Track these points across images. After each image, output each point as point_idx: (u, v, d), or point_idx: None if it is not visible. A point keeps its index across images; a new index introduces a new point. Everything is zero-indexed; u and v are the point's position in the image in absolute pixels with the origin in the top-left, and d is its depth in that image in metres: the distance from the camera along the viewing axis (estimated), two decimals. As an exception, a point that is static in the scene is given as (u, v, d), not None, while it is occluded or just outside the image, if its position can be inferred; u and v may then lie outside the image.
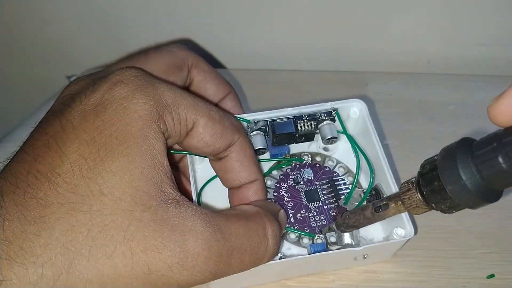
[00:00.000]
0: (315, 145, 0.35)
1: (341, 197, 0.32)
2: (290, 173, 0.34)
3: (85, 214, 0.20)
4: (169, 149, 0.26)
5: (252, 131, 0.32)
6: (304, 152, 0.35)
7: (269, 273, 0.29)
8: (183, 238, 0.21)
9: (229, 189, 0.29)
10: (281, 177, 0.33)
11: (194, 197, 0.29)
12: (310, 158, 0.34)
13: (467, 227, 0.32)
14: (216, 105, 0.32)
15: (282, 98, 0.36)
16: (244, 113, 0.32)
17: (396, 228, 0.29)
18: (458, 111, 0.34)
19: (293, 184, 0.33)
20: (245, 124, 0.31)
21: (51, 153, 0.21)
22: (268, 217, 0.26)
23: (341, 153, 0.35)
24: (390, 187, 0.30)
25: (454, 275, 0.28)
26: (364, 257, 0.29)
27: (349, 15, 0.40)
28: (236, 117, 0.31)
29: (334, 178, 0.33)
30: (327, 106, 0.32)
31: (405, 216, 0.28)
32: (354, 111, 0.33)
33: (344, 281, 0.28)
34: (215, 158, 0.28)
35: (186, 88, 0.32)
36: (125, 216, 0.20)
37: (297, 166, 0.34)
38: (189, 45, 0.45)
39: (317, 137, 0.34)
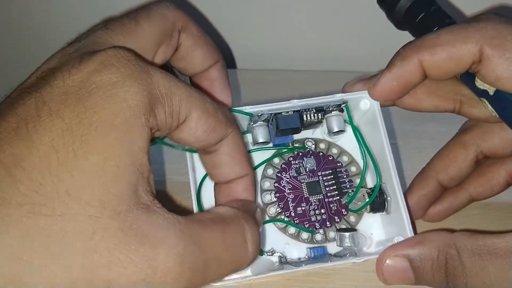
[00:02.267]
0: (320, 131, 0.33)
1: (344, 190, 0.32)
2: (292, 162, 0.32)
3: (45, 219, 0.18)
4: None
5: (255, 123, 0.30)
6: (308, 138, 0.33)
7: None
8: (153, 252, 0.19)
9: (215, 184, 0.28)
10: (283, 166, 0.32)
11: (194, 195, 0.28)
12: (313, 145, 0.33)
13: (467, 227, 0.32)
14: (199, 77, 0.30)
15: (282, 97, 0.35)
16: (229, 86, 0.30)
17: (398, 237, 0.28)
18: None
19: (295, 175, 0.32)
20: (247, 117, 0.29)
21: (19, 141, 0.18)
22: (247, 220, 0.24)
23: (347, 140, 0.33)
24: (394, 187, 0.29)
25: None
26: (364, 261, 0.29)
27: (349, 15, 0.38)
28: (238, 110, 0.29)
29: (337, 169, 0.32)
30: (337, 98, 0.30)
31: (407, 226, 0.28)
32: (364, 103, 0.31)
33: (344, 281, 0.28)
34: (204, 151, 0.26)
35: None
36: (89, 223, 0.18)
37: (300, 154, 0.33)
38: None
39: (323, 122, 0.32)
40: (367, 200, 0.30)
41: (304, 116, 0.30)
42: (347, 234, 0.29)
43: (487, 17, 0.26)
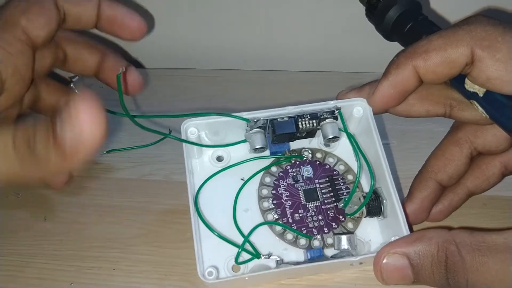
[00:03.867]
0: (316, 141, 0.34)
1: (341, 197, 0.32)
2: (289, 170, 0.33)
3: None
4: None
5: (252, 129, 0.31)
6: (305, 148, 0.34)
7: (264, 277, 0.29)
8: None
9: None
10: (280, 174, 0.33)
11: (191, 199, 0.29)
12: (310, 155, 0.34)
13: (465, 226, 0.32)
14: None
15: (281, 98, 0.36)
16: (130, 65, 0.32)
17: (394, 237, 0.28)
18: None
19: (292, 182, 0.33)
20: (244, 123, 0.30)
21: None
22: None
23: (343, 149, 0.34)
24: (390, 190, 0.29)
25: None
26: (360, 263, 0.29)
27: (349, 15, 0.40)
28: (236, 116, 0.30)
29: (334, 177, 0.33)
30: (330, 104, 0.31)
31: (404, 227, 0.28)
32: (357, 110, 0.32)
33: (343, 280, 0.28)
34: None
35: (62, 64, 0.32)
36: None
37: (297, 162, 0.33)
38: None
39: (319, 132, 0.33)
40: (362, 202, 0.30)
41: (300, 123, 0.31)
42: (344, 236, 0.29)
43: (476, 19, 0.27)
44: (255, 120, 0.31)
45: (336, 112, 0.31)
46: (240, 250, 0.28)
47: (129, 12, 0.31)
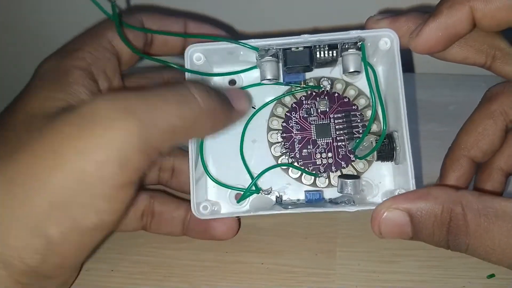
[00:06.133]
0: (339, 70, 0.31)
1: (355, 135, 0.30)
2: (304, 102, 0.31)
3: None
4: None
5: (262, 58, 0.28)
6: (324, 77, 0.31)
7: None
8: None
9: None
10: (293, 105, 0.31)
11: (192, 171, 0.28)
12: (329, 85, 0.31)
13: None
14: None
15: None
16: None
17: (400, 189, 0.27)
18: (459, 111, 0.31)
19: (305, 115, 0.31)
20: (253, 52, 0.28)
21: None
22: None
23: (366, 82, 0.31)
24: (403, 136, 0.27)
25: (454, 275, 0.27)
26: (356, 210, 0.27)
27: (349, 14, 0.35)
28: (243, 43, 0.28)
29: (352, 113, 0.30)
30: (353, 34, 0.27)
31: (411, 180, 0.26)
32: (384, 42, 0.28)
33: (344, 281, 0.27)
34: None
35: None
36: None
37: (314, 94, 0.31)
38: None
39: (339, 61, 0.30)
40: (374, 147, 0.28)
41: (317, 53, 0.28)
42: (349, 181, 0.28)
43: None
44: (265, 49, 0.28)
45: (359, 44, 0.28)
46: (245, 193, 0.28)
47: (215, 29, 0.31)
